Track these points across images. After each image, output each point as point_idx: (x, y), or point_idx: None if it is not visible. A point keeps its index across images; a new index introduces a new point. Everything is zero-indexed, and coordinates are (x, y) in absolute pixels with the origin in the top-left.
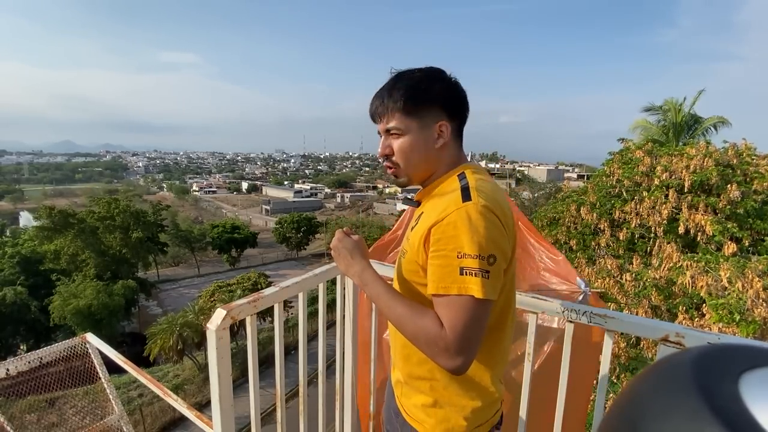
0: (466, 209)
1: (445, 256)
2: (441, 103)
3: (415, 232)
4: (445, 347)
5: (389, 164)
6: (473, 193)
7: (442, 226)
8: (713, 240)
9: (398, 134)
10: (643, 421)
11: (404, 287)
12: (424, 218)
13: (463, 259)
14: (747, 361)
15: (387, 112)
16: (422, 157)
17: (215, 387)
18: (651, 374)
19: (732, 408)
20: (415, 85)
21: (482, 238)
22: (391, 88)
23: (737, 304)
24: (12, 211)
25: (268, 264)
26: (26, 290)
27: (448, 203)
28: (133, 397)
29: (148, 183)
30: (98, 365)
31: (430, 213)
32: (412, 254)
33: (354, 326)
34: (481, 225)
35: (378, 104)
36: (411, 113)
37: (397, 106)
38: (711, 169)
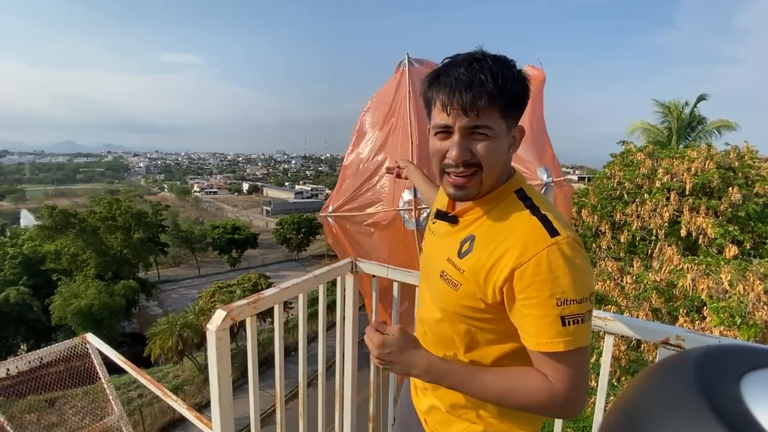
0: (558, 247)
1: (541, 304)
2: (525, 105)
3: (476, 263)
4: (564, 403)
5: (466, 171)
6: (556, 224)
7: (532, 268)
8: (714, 243)
9: (488, 136)
10: (645, 422)
11: (453, 321)
12: (483, 246)
13: (565, 307)
14: (748, 363)
15: (488, 106)
16: (501, 166)
17: (215, 388)
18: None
19: (734, 409)
20: (519, 78)
21: (583, 277)
22: (494, 75)
23: (738, 307)
24: (13, 211)
25: (269, 265)
26: (29, 290)
27: (531, 238)
28: (132, 397)
29: (149, 183)
30: (98, 365)
31: (493, 241)
32: (472, 288)
33: (354, 327)
34: (578, 263)
35: (474, 92)
36: (507, 113)
37: (501, 100)
38: (712, 172)
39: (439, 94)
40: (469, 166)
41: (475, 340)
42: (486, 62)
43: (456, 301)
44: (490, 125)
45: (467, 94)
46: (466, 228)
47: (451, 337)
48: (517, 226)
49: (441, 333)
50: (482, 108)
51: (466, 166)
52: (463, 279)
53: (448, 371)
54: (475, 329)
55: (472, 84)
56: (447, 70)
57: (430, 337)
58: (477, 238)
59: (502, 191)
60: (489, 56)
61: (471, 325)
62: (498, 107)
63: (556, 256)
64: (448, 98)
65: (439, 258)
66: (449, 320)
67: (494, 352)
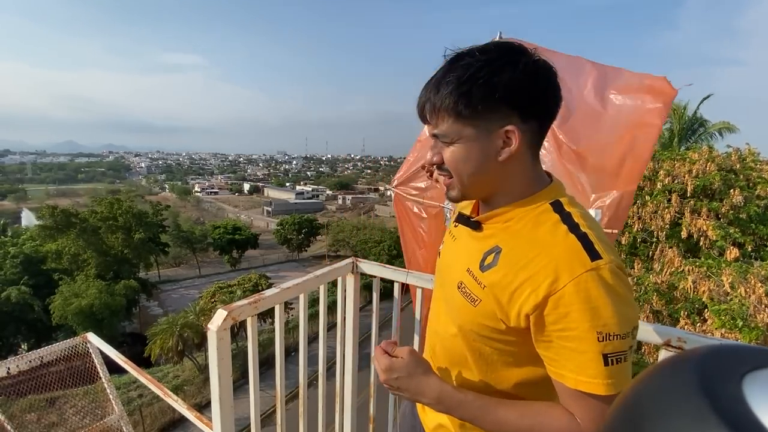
0: (599, 273)
1: (580, 338)
2: (508, 101)
3: (501, 280)
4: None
5: (441, 173)
6: (598, 246)
7: (568, 296)
8: (715, 245)
9: (447, 143)
10: (646, 422)
11: (468, 339)
12: (510, 262)
13: (608, 343)
14: (750, 362)
15: (434, 112)
16: (480, 172)
17: (215, 387)
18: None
19: (735, 409)
20: (472, 76)
21: (627, 309)
22: (439, 81)
23: (740, 309)
24: (15, 211)
25: (269, 265)
26: (30, 290)
27: (568, 261)
28: (132, 397)
29: (150, 183)
30: (99, 365)
31: (523, 258)
32: (494, 307)
33: (355, 328)
34: (621, 293)
35: (423, 101)
36: (466, 116)
37: (446, 105)
38: (714, 174)
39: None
40: (442, 170)
41: (491, 362)
42: (442, 68)
43: (473, 319)
44: (444, 132)
45: (419, 106)
46: (491, 237)
47: (465, 355)
48: (553, 245)
49: (454, 350)
50: (431, 117)
51: (441, 170)
52: (483, 295)
53: (460, 402)
54: (491, 350)
55: (422, 96)
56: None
57: (440, 352)
58: (504, 252)
59: (534, 200)
60: (449, 61)
61: (488, 345)
62: (446, 114)
63: (597, 284)
64: (417, 110)
65: (458, 266)
66: (464, 338)
67: (511, 376)
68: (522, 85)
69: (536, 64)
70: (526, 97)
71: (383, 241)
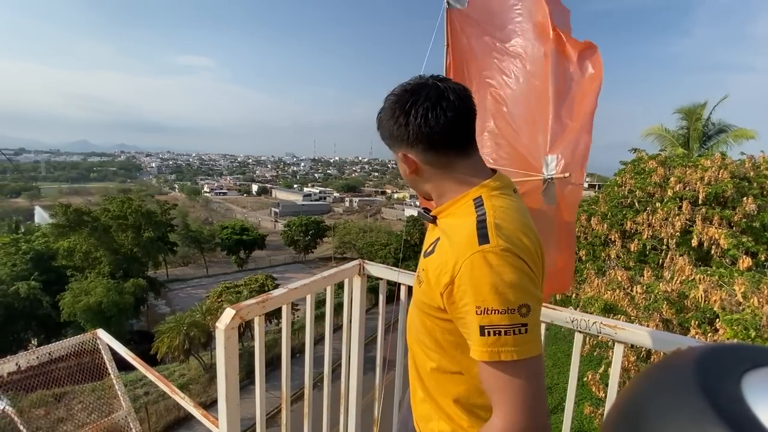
0: (483, 255)
1: (467, 313)
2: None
3: (431, 265)
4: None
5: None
6: (491, 232)
7: (460, 276)
8: (728, 254)
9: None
10: (646, 421)
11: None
12: (439, 250)
13: (484, 316)
14: (749, 361)
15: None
16: (409, 182)
17: (222, 385)
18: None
19: (734, 408)
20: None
21: (506, 288)
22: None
23: (753, 320)
24: (28, 208)
25: (276, 266)
26: (39, 285)
27: (462, 247)
28: (139, 394)
29: (160, 183)
30: (108, 361)
31: (445, 247)
32: (427, 288)
33: (361, 330)
34: (502, 272)
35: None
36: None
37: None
38: (727, 182)
39: None
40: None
41: (439, 341)
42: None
43: (419, 297)
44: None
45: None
46: (437, 230)
47: (421, 331)
48: (460, 232)
49: (415, 326)
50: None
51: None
52: (424, 277)
53: None
54: (434, 328)
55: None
56: None
57: (411, 329)
58: (439, 242)
59: (462, 198)
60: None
61: (431, 323)
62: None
63: (480, 265)
64: None
65: (422, 254)
66: (418, 315)
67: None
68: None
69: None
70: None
71: (389, 243)
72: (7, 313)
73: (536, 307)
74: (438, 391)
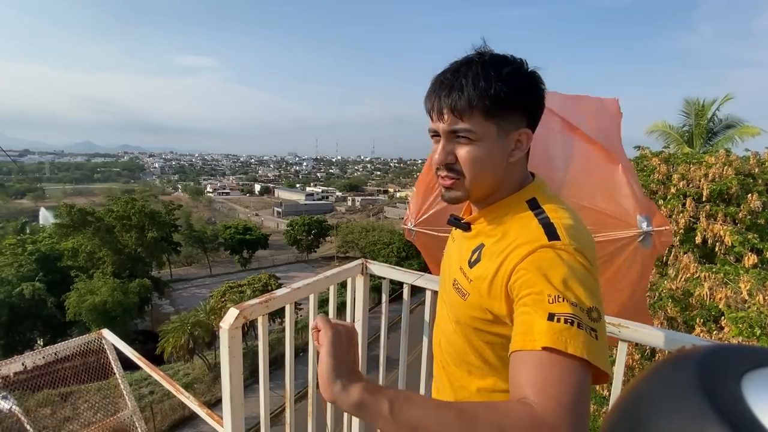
0: (555, 251)
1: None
2: (524, 106)
3: (482, 272)
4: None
5: (449, 174)
6: (561, 231)
7: (525, 267)
8: (732, 251)
9: (470, 140)
10: (646, 421)
11: (465, 333)
12: (489, 255)
13: (557, 304)
14: (749, 362)
15: (465, 108)
16: (493, 172)
17: (226, 385)
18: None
19: (734, 407)
20: (507, 79)
21: (579, 283)
22: (476, 77)
23: (758, 317)
24: (33, 209)
25: (279, 266)
26: (44, 286)
27: (528, 240)
28: (143, 394)
29: (163, 184)
30: (113, 361)
31: (497, 250)
32: (478, 299)
33: (364, 329)
34: (576, 267)
35: (453, 96)
36: (494, 115)
37: (483, 103)
38: (731, 178)
39: (427, 100)
40: (452, 170)
41: (489, 357)
42: (473, 65)
43: (465, 312)
44: (471, 128)
45: (446, 98)
46: (477, 236)
47: (465, 351)
48: (521, 234)
49: (456, 345)
50: (460, 111)
51: (450, 170)
52: (470, 288)
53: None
54: (485, 344)
55: (451, 88)
56: (439, 75)
57: (445, 347)
58: (485, 248)
59: (513, 199)
60: (480, 58)
61: (483, 339)
62: (479, 110)
63: (551, 256)
64: (430, 102)
65: (453, 266)
66: (462, 332)
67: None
68: (534, 92)
69: (539, 75)
70: (536, 103)
71: (392, 243)
72: (13, 313)
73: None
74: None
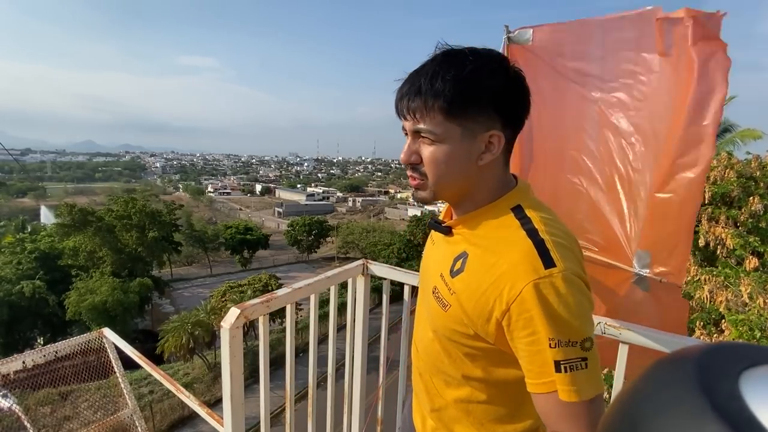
0: (551, 281)
1: (534, 342)
2: (496, 106)
3: (467, 286)
4: None
5: (413, 174)
6: (554, 253)
7: (526, 303)
8: (734, 254)
9: (432, 141)
10: (644, 420)
11: (443, 343)
12: (475, 268)
13: (558, 350)
14: (747, 359)
15: (424, 109)
16: (459, 174)
17: (227, 384)
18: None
19: (732, 406)
20: (468, 76)
21: (575, 320)
22: (433, 76)
23: (758, 320)
24: (34, 208)
25: (279, 266)
26: (45, 284)
27: (519, 268)
28: (143, 393)
29: (164, 183)
30: (114, 360)
31: (485, 264)
32: (460, 313)
33: (364, 330)
34: (571, 302)
35: (412, 96)
36: (456, 116)
37: (440, 104)
38: (732, 181)
39: (395, 99)
40: (416, 170)
41: (467, 368)
42: (435, 62)
43: (444, 323)
44: (431, 129)
45: (406, 98)
46: (460, 242)
47: (442, 360)
48: (510, 251)
49: (432, 352)
50: (418, 111)
51: (414, 170)
52: (452, 300)
53: None
54: (464, 356)
55: (411, 88)
56: (408, 74)
57: (422, 352)
58: (469, 258)
59: (496, 205)
60: (444, 57)
61: (458, 350)
62: (438, 110)
63: (549, 292)
64: (396, 102)
65: (433, 271)
66: (439, 341)
67: (496, 375)
68: (509, 92)
69: (519, 73)
70: (512, 104)
71: (393, 243)
72: (13, 312)
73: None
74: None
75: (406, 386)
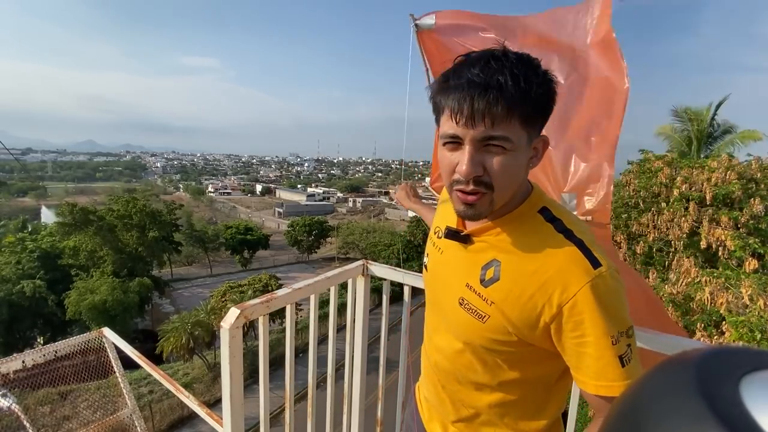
0: (603, 280)
1: (594, 343)
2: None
3: (509, 296)
4: None
5: (476, 188)
6: (596, 253)
7: (581, 305)
8: (734, 255)
9: (505, 149)
10: (644, 423)
11: (478, 352)
12: (514, 275)
13: (619, 345)
14: (748, 364)
15: (506, 114)
16: (516, 183)
17: (226, 384)
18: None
19: (733, 410)
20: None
21: (625, 310)
22: (515, 77)
23: (759, 322)
24: (35, 207)
25: (279, 266)
26: (45, 284)
27: (573, 269)
28: (143, 393)
29: (165, 183)
30: (113, 360)
31: (527, 271)
32: (503, 322)
33: (364, 330)
34: (622, 295)
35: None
36: (530, 122)
37: (524, 109)
38: (734, 183)
39: (449, 99)
40: (479, 183)
41: (503, 373)
42: (507, 61)
43: (483, 334)
44: (507, 136)
45: (481, 99)
46: (485, 251)
47: (475, 369)
48: (554, 255)
49: (464, 365)
50: (498, 116)
51: (477, 184)
52: (492, 311)
53: None
54: (502, 362)
55: (487, 87)
56: (459, 71)
57: (446, 366)
58: (503, 265)
59: (524, 210)
60: (511, 54)
61: (499, 358)
62: (518, 115)
63: (604, 290)
64: (458, 104)
65: (454, 281)
66: (474, 352)
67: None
68: (553, 98)
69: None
70: (551, 109)
71: (393, 244)
72: (13, 311)
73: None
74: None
75: (406, 387)
